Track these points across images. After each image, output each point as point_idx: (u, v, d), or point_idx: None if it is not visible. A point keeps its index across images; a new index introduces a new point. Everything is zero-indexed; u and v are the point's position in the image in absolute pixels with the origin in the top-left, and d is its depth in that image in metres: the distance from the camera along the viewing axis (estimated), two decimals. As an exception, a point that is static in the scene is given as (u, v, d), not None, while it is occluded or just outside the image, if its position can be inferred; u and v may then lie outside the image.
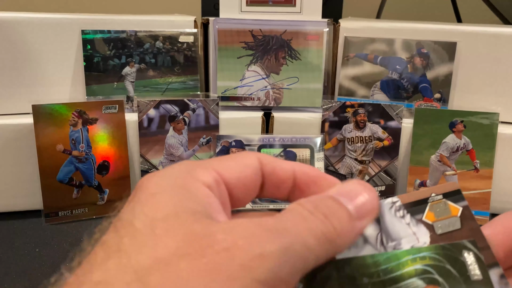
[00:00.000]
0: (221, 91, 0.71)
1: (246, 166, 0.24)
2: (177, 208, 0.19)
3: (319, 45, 0.71)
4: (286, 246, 0.18)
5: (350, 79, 0.71)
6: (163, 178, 0.21)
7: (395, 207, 0.28)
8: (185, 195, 0.20)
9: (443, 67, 0.68)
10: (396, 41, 0.69)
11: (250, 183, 0.24)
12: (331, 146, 0.69)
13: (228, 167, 0.23)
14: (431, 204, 0.28)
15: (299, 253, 0.19)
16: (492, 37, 0.67)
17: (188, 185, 0.21)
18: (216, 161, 0.23)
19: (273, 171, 0.25)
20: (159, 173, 0.22)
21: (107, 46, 0.68)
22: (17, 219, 0.64)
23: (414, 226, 0.28)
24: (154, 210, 0.19)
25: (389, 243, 0.27)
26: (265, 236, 0.18)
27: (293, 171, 0.25)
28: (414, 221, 0.28)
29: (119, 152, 0.66)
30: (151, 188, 0.21)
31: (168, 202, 0.19)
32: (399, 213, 0.28)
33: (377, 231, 0.27)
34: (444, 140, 0.66)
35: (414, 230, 0.27)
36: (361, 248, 0.26)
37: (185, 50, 0.71)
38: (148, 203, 0.20)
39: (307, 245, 0.19)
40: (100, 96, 0.69)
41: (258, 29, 0.70)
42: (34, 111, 0.62)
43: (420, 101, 0.69)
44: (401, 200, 0.28)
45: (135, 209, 0.20)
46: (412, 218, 0.28)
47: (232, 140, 0.68)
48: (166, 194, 0.20)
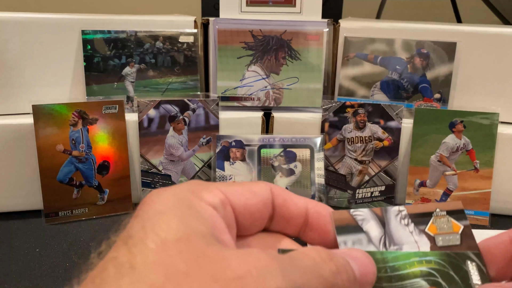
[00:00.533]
0: (221, 91, 0.71)
1: (255, 194, 0.24)
2: (188, 230, 0.19)
3: (319, 45, 0.71)
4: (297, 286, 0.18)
5: (350, 79, 0.71)
6: (169, 197, 0.21)
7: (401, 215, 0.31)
8: (192, 215, 0.20)
9: (443, 67, 0.68)
10: (396, 41, 0.69)
11: (257, 212, 0.24)
12: (331, 146, 0.69)
13: (236, 192, 0.23)
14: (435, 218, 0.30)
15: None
16: (492, 37, 0.67)
17: (194, 205, 0.21)
18: (224, 185, 0.23)
19: (284, 204, 0.25)
20: (166, 191, 0.22)
21: (107, 46, 0.68)
22: (17, 219, 0.64)
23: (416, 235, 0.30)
24: (165, 231, 0.19)
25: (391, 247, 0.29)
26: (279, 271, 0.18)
27: (306, 208, 0.25)
28: (417, 231, 0.30)
29: (119, 152, 0.67)
30: (159, 206, 0.21)
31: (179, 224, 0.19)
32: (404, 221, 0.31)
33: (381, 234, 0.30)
34: (444, 140, 0.66)
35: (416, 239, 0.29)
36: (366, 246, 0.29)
37: (185, 50, 0.71)
38: (159, 222, 0.20)
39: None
40: (100, 96, 0.69)
41: (258, 29, 0.70)
42: (34, 111, 0.62)
43: (420, 101, 0.69)
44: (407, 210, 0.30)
45: (146, 228, 0.20)
46: (415, 227, 0.30)
47: (232, 140, 0.68)
48: (174, 215, 0.20)
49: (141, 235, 0.19)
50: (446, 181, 0.66)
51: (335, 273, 0.20)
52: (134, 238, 0.19)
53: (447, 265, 0.28)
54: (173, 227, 0.19)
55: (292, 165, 0.68)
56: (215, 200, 0.22)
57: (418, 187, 0.67)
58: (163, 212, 0.20)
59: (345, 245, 0.29)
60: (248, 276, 0.18)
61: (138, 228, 0.20)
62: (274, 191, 0.24)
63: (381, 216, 0.31)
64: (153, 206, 0.21)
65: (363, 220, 0.31)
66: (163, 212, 0.20)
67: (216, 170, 0.67)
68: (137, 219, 0.21)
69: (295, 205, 0.25)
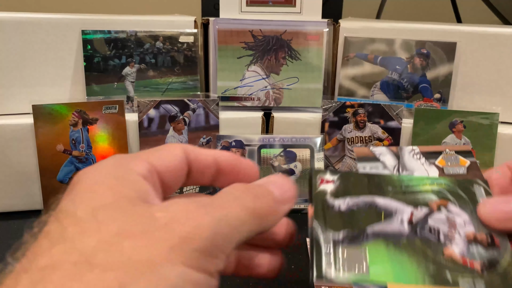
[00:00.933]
0: (221, 91, 0.71)
1: (174, 155, 0.26)
2: (116, 196, 0.20)
3: (319, 45, 0.71)
4: (219, 218, 0.20)
5: (350, 79, 0.71)
6: (98, 171, 0.22)
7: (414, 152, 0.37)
8: (122, 184, 0.21)
9: (443, 67, 0.68)
10: (396, 41, 0.69)
11: (178, 171, 0.26)
12: (331, 146, 0.69)
13: (159, 158, 0.25)
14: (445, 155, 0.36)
15: (232, 224, 0.21)
16: (492, 37, 0.67)
17: (124, 175, 0.22)
18: (147, 153, 0.25)
19: (196, 158, 0.27)
20: (94, 167, 0.23)
21: (107, 46, 0.68)
22: (17, 219, 0.64)
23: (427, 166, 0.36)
24: (94, 199, 0.20)
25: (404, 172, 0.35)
26: (201, 210, 0.20)
27: (214, 157, 0.28)
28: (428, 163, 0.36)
29: (119, 152, 0.67)
30: (89, 181, 0.22)
31: (107, 192, 0.21)
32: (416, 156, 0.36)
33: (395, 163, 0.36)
34: (444, 140, 0.66)
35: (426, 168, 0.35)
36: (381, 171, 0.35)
37: (185, 50, 0.71)
38: (88, 194, 0.21)
39: (239, 218, 0.21)
40: (100, 96, 0.69)
41: (258, 29, 0.70)
42: (34, 111, 0.62)
43: (420, 101, 0.69)
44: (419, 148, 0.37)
45: (75, 201, 0.21)
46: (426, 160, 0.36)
47: (232, 140, 0.69)
48: (103, 185, 0.21)
49: (71, 208, 0.20)
50: (446, 181, 0.66)
51: (253, 199, 0.23)
52: (64, 211, 0.20)
53: (457, 187, 0.33)
54: (102, 195, 0.20)
55: (292, 165, 0.68)
56: (143, 169, 0.23)
57: (418, 187, 0.67)
58: (92, 185, 0.21)
59: (364, 169, 0.36)
60: (173, 221, 0.19)
61: (68, 203, 0.21)
62: (187, 149, 0.27)
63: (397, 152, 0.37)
64: (83, 182, 0.22)
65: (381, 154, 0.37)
66: (93, 185, 0.21)
67: (216, 170, 0.67)
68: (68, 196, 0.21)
69: (205, 156, 0.27)
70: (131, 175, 0.22)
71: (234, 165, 0.28)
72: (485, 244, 0.29)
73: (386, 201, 0.32)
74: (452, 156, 0.37)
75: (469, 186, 0.33)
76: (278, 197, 0.24)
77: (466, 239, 0.29)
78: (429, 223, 0.30)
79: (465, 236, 0.29)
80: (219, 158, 0.28)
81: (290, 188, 0.26)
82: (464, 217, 0.31)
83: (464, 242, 0.29)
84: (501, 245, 0.28)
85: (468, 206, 0.31)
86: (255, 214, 0.22)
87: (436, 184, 0.33)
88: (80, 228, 0.19)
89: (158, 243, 0.18)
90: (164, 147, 0.26)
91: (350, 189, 0.32)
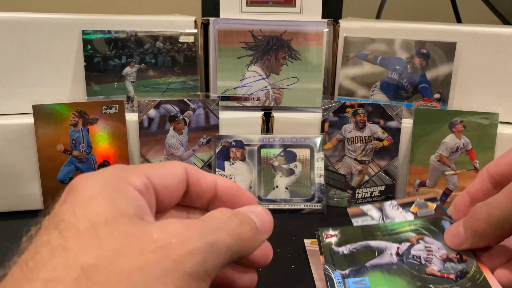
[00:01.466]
0: (221, 91, 0.71)
1: (174, 175, 0.27)
2: (115, 213, 0.21)
3: (319, 45, 0.71)
4: (211, 243, 0.22)
5: (350, 79, 0.71)
6: (97, 181, 0.23)
7: (392, 204, 0.49)
8: (120, 199, 0.22)
9: (443, 67, 0.68)
10: (396, 41, 0.69)
11: (175, 191, 0.27)
12: (331, 146, 0.70)
13: (158, 175, 0.26)
14: (416, 203, 0.48)
15: (221, 250, 0.22)
16: (492, 37, 0.67)
17: (122, 189, 0.23)
18: (147, 168, 0.26)
19: (197, 182, 0.28)
20: (93, 175, 0.23)
21: (108, 46, 0.68)
22: (17, 219, 0.64)
23: (404, 213, 0.47)
24: (95, 214, 0.21)
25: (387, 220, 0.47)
26: (195, 235, 0.21)
27: (215, 183, 0.29)
28: (405, 211, 0.48)
29: (119, 152, 0.67)
30: (88, 191, 0.22)
31: (107, 207, 0.21)
32: (395, 207, 0.48)
33: (380, 215, 0.48)
34: (444, 140, 0.66)
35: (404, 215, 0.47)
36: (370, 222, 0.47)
37: (185, 50, 0.71)
38: (88, 206, 0.21)
39: (226, 244, 0.23)
40: (101, 96, 0.69)
41: (258, 29, 0.70)
42: (34, 111, 0.62)
43: (420, 101, 0.69)
44: (397, 201, 0.49)
45: (76, 212, 0.21)
46: (403, 209, 0.48)
47: (232, 140, 0.69)
48: (103, 198, 0.22)
49: (72, 220, 0.21)
50: (446, 181, 0.66)
51: (239, 225, 0.24)
52: (66, 222, 0.21)
53: (428, 224, 0.44)
54: (102, 210, 0.21)
55: (292, 165, 0.68)
56: (140, 184, 0.24)
57: (418, 187, 0.67)
58: (92, 196, 0.22)
59: (357, 223, 0.47)
60: (169, 245, 0.20)
61: (69, 213, 0.21)
62: (188, 171, 0.27)
63: (379, 206, 0.49)
64: (81, 191, 0.22)
65: (368, 210, 0.49)
66: (92, 197, 0.22)
67: (216, 170, 0.68)
68: (67, 205, 0.22)
69: (206, 181, 0.28)
70: (128, 189, 0.23)
71: (233, 195, 0.29)
72: (456, 260, 0.39)
73: (377, 243, 0.43)
74: (422, 203, 0.49)
75: (438, 222, 0.44)
76: (259, 226, 0.26)
77: (441, 259, 0.39)
78: (412, 252, 0.41)
79: (440, 257, 0.40)
80: (219, 185, 0.29)
81: (269, 220, 0.27)
82: (438, 244, 0.41)
83: (440, 262, 0.39)
84: (468, 259, 0.38)
85: (440, 236, 0.42)
86: (240, 240, 0.24)
87: (413, 225, 0.44)
88: (82, 243, 0.20)
89: (153, 265, 0.19)
90: (166, 164, 0.27)
91: (349, 238, 0.44)
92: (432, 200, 0.49)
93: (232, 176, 0.67)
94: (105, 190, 0.22)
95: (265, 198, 0.67)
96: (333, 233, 0.46)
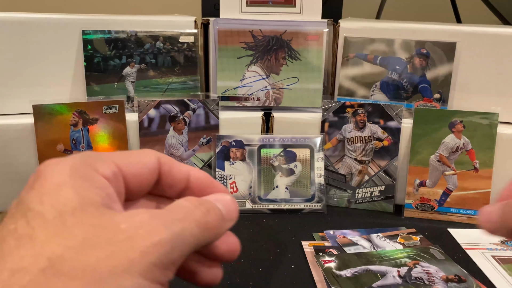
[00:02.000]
0: (221, 91, 0.71)
1: (145, 164, 0.26)
2: (82, 201, 0.21)
3: (319, 45, 0.71)
4: (177, 234, 0.22)
5: (350, 79, 0.71)
6: (64, 168, 0.23)
7: (379, 236, 0.57)
8: (87, 187, 0.22)
9: (443, 67, 0.68)
10: (396, 41, 0.69)
11: (145, 180, 0.26)
12: (331, 146, 0.70)
13: (128, 163, 0.26)
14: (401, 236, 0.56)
15: (187, 239, 0.22)
16: (491, 37, 0.67)
17: (89, 176, 0.23)
18: (117, 155, 0.25)
19: (169, 172, 0.28)
20: (61, 162, 0.23)
21: (108, 46, 0.68)
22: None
23: (392, 243, 0.54)
24: (62, 203, 0.21)
25: (378, 249, 0.52)
26: (161, 225, 0.21)
27: (188, 175, 0.28)
28: (392, 242, 0.54)
29: (119, 152, 0.67)
30: (55, 178, 0.22)
31: (74, 196, 0.21)
32: (382, 239, 0.56)
33: (370, 244, 0.54)
34: (444, 140, 0.66)
35: (393, 245, 0.53)
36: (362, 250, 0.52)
37: (185, 50, 0.71)
38: (56, 195, 0.21)
39: (193, 234, 0.23)
40: (101, 96, 0.69)
41: (258, 29, 0.70)
42: (34, 111, 0.62)
43: (420, 101, 0.69)
44: (382, 234, 0.57)
45: (44, 201, 0.21)
46: (390, 240, 0.55)
47: (232, 140, 0.69)
48: (70, 187, 0.22)
49: (39, 208, 0.21)
50: (445, 181, 0.66)
51: (205, 214, 0.24)
52: (33, 210, 0.21)
53: (420, 251, 0.50)
54: (69, 199, 0.21)
55: (292, 165, 0.68)
56: (108, 172, 0.24)
57: (418, 187, 0.67)
58: (59, 184, 0.22)
59: (350, 251, 0.52)
60: (136, 235, 0.20)
61: (35, 201, 0.21)
62: (162, 160, 0.27)
63: (367, 238, 0.56)
64: (49, 178, 0.22)
65: (357, 240, 0.55)
66: (60, 185, 0.22)
67: (216, 170, 0.68)
68: (34, 192, 0.22)
69: (179, 171, 0.28)
70: (96, 177, 0.23)
71: (205, 186, 0.29)
72: (456, 281, 0.44)
73: (377, 267, 0.47)
74: (406, 236, 0.57)
75: (427, 251, 0.51)
76: (225, 214, 0.26)
77: (442, 280, 0.44)
78: (413, 274, 0.45)
79: (441, 278, 0.44)
80: (193, 177, 0.29)
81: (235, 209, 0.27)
82: (435, 268, 0.46)
83: (442, 282, 0.44)
84: (467, 279, 0.44)
85: (433, 262, 0.47)
86: (206, 228, 0.24)
87: (405, 252, 0.50)
88: (48, 232, 0.20)
89: (120, 255, 0.20)
90: (138, 153, 0.27)
91: (347, 263, 0.48)
92: (415, 233, 0.58)
93: (232, 176, 0.67)
94: (73, 178, 0.22)
95: (265, 198, 0.67)
96: (330, 259, 0.50)
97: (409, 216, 0.66)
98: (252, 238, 0.59)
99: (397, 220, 0.65)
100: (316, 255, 0.52)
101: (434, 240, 0.58)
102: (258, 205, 0.66)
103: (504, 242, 0.59)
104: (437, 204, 0.66)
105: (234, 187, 0.67)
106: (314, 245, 0.56)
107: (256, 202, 0.66)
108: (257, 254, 0.55)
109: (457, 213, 0.65)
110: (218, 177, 0.67)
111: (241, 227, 0.62)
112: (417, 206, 0.67)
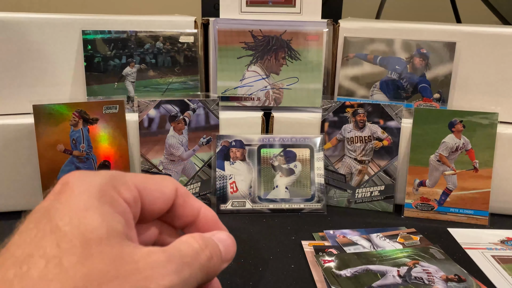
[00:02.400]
0: (221, 91, 0.71)
1: (163, 193, 0.28)
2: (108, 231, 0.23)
3: (319, 45, 0.71)
4: (186, 280, 0.24)
5: (349, 79, 0.71)
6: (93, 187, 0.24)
7: (379, 236, 0.56)
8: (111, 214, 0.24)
9: (443, 67, 0.68)
10: (396, 41, 0.69)
11: (158, 209, 0.28)
12: (331, 146, 0.70)
13: (148, 190, 0.27)
14: (401, 235, 0.56)
15: (190, 283, 0.24)
16: (491, 37, 0.67)
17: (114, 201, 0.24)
18: (139, 179, 0.27)
19: (183, 205, 0.29)
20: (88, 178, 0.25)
21: (108, 46, 0.68)
22: (17, 219, 0.64)
23: (392, 243, 0.54)
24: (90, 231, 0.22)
25: (378, 249, 0.52)
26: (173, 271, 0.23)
27: (199, 212, 0.30)
28: (392, 242, 0.54)
29: (119, 152, 0.67)
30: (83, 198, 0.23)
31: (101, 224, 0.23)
32: (382, 239, 0.56)
33: (369, 244, 0.54)
34: (444, 140, 0.66)
35: (392, 245, 0.52)
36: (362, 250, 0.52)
37: (185, 50, 0.71)
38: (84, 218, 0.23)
39: (197, 278, 0.25)
40: (101, 96, 0.69)
41: (258, 29, 0.70)
42: (34, 111, 0.62)
43: (420, 101, 0.69)
44: (382, 234, 0.57)
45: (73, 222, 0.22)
46: (390, 240, 0.55)
47: (232, 140, 0.69)
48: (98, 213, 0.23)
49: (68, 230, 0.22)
50: (445, 180, 0.66)
51: (209, 259, 0.26)
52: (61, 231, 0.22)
53: (419, 251, 0.51)
54: (96, 227, 0.22)
55: (292, 164, 0.68)
56: (129, 196, 0.25)
57: (418, 187, 0.67)
58: (87, 208, 0.23)
59: (350, 251, 0.52)
60: (152, 276, 0.22)
61: (65, 221, 0.23)
62: (179, 192, 0.29)
63: (367, 237, 0.56)
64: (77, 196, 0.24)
65: (357, 240, 0.55)
66: (88, 208, 0.23)
67: (216, 169, 0.68)
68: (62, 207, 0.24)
69: (191, 207, 0.29)
70: (119, 201, 0.25)
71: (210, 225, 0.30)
72: (456, 281, 0.44)
73: (377, 267, 0.47)
74: (406, 235, 0.56)
75: (427, 251, 0.51)
76: (223, 255, 0.28)
77: (442, 279, 0.44)
78: (413, 274, 0.45)
79: (441, 278, 0.44)
80: (202, 214, 0.30)
81: (233, 250, 0.29)
82: (435, 267, 0.46)
83: (442, 282, 0.44)
84: (467, 279, 0.45)
85: (433, 261, 0.48)
86: (207, 273, 0.26)
87: (405, 252, 0.50)
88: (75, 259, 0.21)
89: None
90: (158, 180, 0.28)
91: (347, 263, 0.49)
92: (415, 233, 0.57)
93: (232, 176, 0.67)
94: (100, 201, 0.23)
95: (265, 198, 0.67)
96: (330, 258, 0.51)
97: (409, 216, 0.66)
98: (252, 238, 0.59)
99: (397, 220, 0.65)
100: (316, 255, 0.52)
101: (434, 240, 0.58)
102: (258, 205, 0.66)
103: (504, 242, 0.59)
104: (437, 204, 0.66)
105: (234, 187, 0.67)
106: (314, 245, 0.56)
107: (256, 202, 0.67)
108: (257, 254, 0.55)
109: (457, 213, 0.66)
110: (218, 177, 0.67)
111: (241, 227, 0.62)
112: (417, 206, 0.67)
